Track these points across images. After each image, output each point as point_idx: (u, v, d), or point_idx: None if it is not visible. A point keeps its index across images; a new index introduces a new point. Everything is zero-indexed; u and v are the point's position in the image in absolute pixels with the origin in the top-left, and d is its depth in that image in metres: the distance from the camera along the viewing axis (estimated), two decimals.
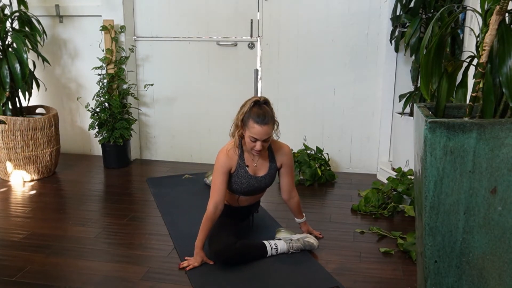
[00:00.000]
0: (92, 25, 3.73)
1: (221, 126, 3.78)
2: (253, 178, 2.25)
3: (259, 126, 2.07)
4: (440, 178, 1.44)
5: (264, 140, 2.10)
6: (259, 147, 2.10)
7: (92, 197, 3.10)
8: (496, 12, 1.43)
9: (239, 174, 2.22)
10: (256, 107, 2.11)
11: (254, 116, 2.08)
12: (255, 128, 2.07)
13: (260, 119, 2.07)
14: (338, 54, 3.44)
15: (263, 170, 2.27)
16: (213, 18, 3.59)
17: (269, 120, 2.09)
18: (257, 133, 2.08)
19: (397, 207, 2.76)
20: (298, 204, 2.41)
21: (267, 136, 2.10)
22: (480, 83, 1.52)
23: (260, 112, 2.09)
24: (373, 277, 2.10)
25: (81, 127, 4.04)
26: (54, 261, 2.23)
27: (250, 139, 2.11)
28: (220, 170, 2.19)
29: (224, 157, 2.20)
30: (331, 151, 3.58)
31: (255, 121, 2.07)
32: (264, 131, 2.07)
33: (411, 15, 2.95)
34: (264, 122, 2.07)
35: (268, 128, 2.08)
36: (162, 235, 2.52)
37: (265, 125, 2.07)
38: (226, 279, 2.05)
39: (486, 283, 1.52)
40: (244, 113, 2.12)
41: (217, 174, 2.20)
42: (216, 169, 2.21)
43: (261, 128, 2.07)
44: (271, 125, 2.10)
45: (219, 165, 2.20)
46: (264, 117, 2.08)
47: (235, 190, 2.27)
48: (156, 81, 3.76)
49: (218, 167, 2.20)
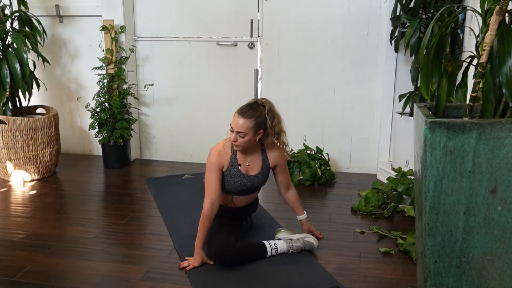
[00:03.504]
0: (92, 25, 3.73)
1: (221, 126, 3.77)
2: (245, 177, 2.25)
3: (236, 116, 2.11)
4: (440, 178, 1.44)
5: (239, 133, 2.11)
6: (233, 138, 2.13)
7: (92, 197, 3.10)
8: (496, 12, 1.43)
9: (231, 173, 2.22)
10: (250, 102, 2.17)
11: (240, 108, 2.14)
12: (234, 117, 2.12)
13: (240, 110, 2.12)
14: (338, 54, 3.44)
15: (256, 169, 2.28)
16: (213, 18, 3.59)
17: (248, 115, 2.10)
18: (232, 122, 2.12)
19: (397, 207, 2.76)
20: (296, 197, 2.44)
21: (241, 129, 2.10)
22: (480, 83, 1.52)
23: (246, 105, 2.14)
24: (373, 277, 2.10)
25: (81, 127, 4.04)
26: (54, 261, 2.23)
27: (230, 129, 2.15)
28: (212, 168, 2.20)
29: (216, 154, 2.22)
30: (331, 151, 3.58)
31: (237, 111, 2.13)
32: (237, 121, 2.10)
33: (411, 15, 2.95)
34: (242, 114, 2.10)
35: (244, 122, 2.09)
36: (162, 235, 2.52)
37: (241, 117, 2.10)
38: (226, 279, 2.05)
39: (486, 283, 1.52)
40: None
41: (210, 172, 2.20)
42: (208, 167, 2.21)
43: (237, 119, 2.10)
44: (248, 120, 2.09)
45: (211, 162, 2.21)
46: (246, 110, 2.11)
47: (228, 190, 2.27)
48: (156, 81, 3.76)
49: (210, 165, 2.21)
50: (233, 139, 2.13)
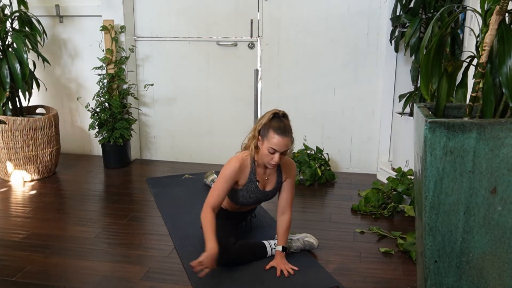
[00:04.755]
0: (92, 25, 3.73)
1: (221, 126, 3.78)
2: (261, 193, 2.23)
3: (279, 137, 2.01)
4: (440, 178, 1.44)
5: (282, 152, 2.05)
6: (277, 159, 2.04)
7: (92, 197, 3.10)
8: (496, 12, 1.43)
9: (249, 189, 2.19)
10: (276, 119, 2.06)
11: (275, 127, 2.03)
12: (275, 139, 2.01)
13: (281, 130, 2.02)
14: (338, 54, 3.44)
15: (271, 184, 2.24)
16: (213, 18, 3.59)
17: (289, 132, 2.04)
18: (277, 144, 2.01)
19: (397, 207, 2.76)
20: (287, 224, 2.22)
21: (286, 148, 2.05)
22: (480, 83, 1.52)
23: (280, 124, 2.04)
24: (373, 277, 2.10)
25: (81, 127, 4.04)
26: (54, 261, 2.23)
27: (268, 151, 2.04)
28: (227, 177, 2.11)
29: (237, 166, 2.12)
30: (331, 151, 3.58)
31: (276, 131, 2.01)
32: (284, 143, 2.02)
33: (411, 15, 2.95)
34: (285, 134, 2.02)
35: (288, 140, 2.03)
36: (162, 235, 2.52)
37: (286, 137, 2.02)
38: (226, 279, 2.05)
39: (486, 283, 1.52)
40: (263, 124, 2.06)
41: (224, 181, 2.11)
42: (224, 176, 2.12)
43: (282, 139, 2.01)
44: (290, 138, 2.05)
45: (228, 172, 2.11)
46: (285, 128, 2.03)
47: (241, 202, 2.24)
48: (156, 81, 3.76)
49: (226, 174, 2.12)
50: (277, 160, 2.04)
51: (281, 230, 2.23)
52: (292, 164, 2.27)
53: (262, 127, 2.07)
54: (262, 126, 2.07)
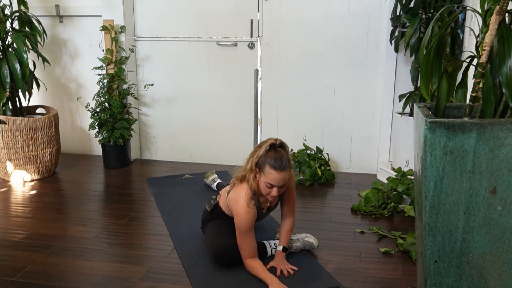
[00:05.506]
0: (92, 25, 3.73)
1: (221, 126, 3.78)
2: (266, 213, 2.26)
3: (276, 172, 1.96)
4: (440, 178, 1.44)
5: (282, 186, 2.01)
6: (275, 193, 2.00)
7: (92, 197, 3.10)
8: (496, 12, 1.43)
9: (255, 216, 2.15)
10: (272, 151, 2.00)
11: (271, 161, 1.97)
12: (272, 174, 1.96)
13: (278, 164, 1.96)
14: (338, 54, 3.44)
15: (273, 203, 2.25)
16: (213, 18, 3.59)
17: (286, 165, 1.98)
18: (274, 180, 1.97)
19: (397, 207, 2.76)
20: (290, 226, 2.23)
21: (284, 182, 2.00)
22: (480, 83, 1.52)
23: (277, 156, 1.97)
24: (373, 277, 2.10)
25: (81, 127, 4.04)
26: (54, 261, 2.23)
27: (266, 185, 2.00)
28: (248, 228, 2.06)
29: (251, 217, 2.06)
30: (331, 151, 3.58)
31: (272, 166, 1.96)
32: (281, 177, 1.97)
33: (411, 15, 2.95)
34: (282, 168, 1.96)
35: (286, 174, 1.98)
36: (162, 235, 2.52)
37: (283, 171, 1.96)
38: (226, 280, 2.05)
39: (486, 283, 1.52)
40: (259, 156, 2.00)
41: (245, 233, 2.06)
42: (243, 230, 2.06)
43: (278, 175, 1.96)
44: (288, 170, 1.99)
45: (246, 224, 2.05)
46: (282, 162, 1.96)
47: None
48: (156, 81, 3.77)
49: (245, 226, 2.05)
50: (275, 194, 2.00)
51: (284, 231, 2.24)
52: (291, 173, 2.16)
53: (259, 159, 2.01)
54: (259, 158, 2.01)
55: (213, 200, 2.33)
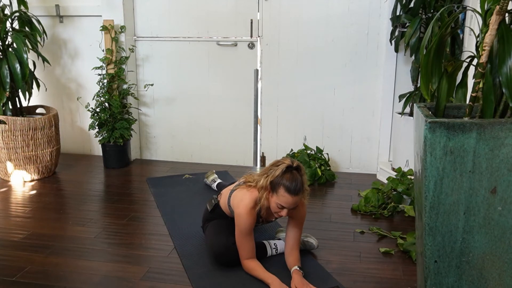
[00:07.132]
0: (92, 25, 3.73)
1: (221, 126, 3.78)
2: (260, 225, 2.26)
3: (289, 196, 1.94)
4: (440, 178, 1.44)
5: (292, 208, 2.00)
6: (284, 214, 2.00)
7: (92, 197, 3.10)
8: (496, 12, 1.43)
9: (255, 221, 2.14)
10: (289, 173, 1.96)
11: (286, 183, 1.94)
12: (285, 197, 1.95)
13: (292, 188, 1.94)
14: (338, 54, 3.44)
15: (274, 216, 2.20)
16: (213, 18, 3.59)
17: (300, 189, 1.96)
18: (286, 202, 1.96)
19: (397, 207, 2.76)
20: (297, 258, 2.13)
21: (295, 205, 1.99)
22: (480, 83, 1.52)
23: (292, 180, 1.95)
24: (373, 277, 2.10)
25: (81, 127, 4.04)
26: (54, 261, 2.23)
27: (277, 206, 1.98)
28: (247, 231, 2.07)
29: (251, 218, 2.05)
30: (331, 151, 3.58)
31: (286, 189, 1.94)
32: (294, 201, 1.96)
33: (411, 15, 2.95)
34: (295, 192, 1.94)
35: (298, 198, 1.97)
36: (162, 235, 2.52)
37: (296, 196, 1.95)
38: (226, 279, 2.05)
39: (486, 283, 1.52)
40: (275, 176, 1.97)
41: (245, 234, 2.06)
42: (242, 229, 2.06)
43: (292, 198, 1.95)
44: (301, 194, 1.98)
45: (246, 225, 2.05)
46: (296, 186, 1.94)
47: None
48: (156, 81, 3.77)
49: (245, 227, 2.05)
50: (285, 214, 1.99)
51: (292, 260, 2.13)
52: (301, 206, 2.11)
53: (274, 179, 1.97)
54: (274, 178, 1.98)
55: (214, 199, 2.33)
